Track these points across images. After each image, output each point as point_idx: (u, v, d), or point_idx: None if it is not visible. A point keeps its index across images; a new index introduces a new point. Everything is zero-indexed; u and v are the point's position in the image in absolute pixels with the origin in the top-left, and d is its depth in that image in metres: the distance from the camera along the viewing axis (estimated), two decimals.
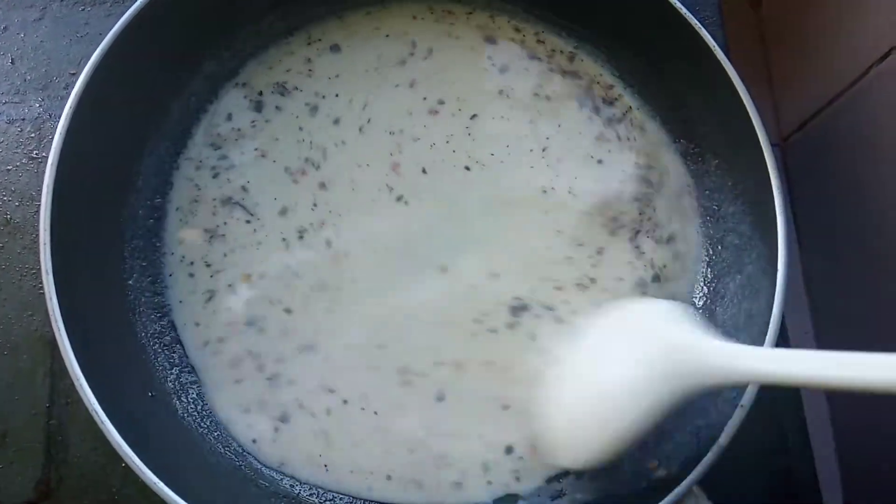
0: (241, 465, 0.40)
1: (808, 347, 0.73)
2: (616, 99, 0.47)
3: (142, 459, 0.33)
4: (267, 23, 0.47)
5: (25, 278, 0.46)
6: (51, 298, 0.35)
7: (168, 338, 0.42)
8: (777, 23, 0.82)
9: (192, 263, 0.43)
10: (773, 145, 0.83)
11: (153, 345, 0.42)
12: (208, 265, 0.43)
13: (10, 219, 0.47)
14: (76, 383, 0.34)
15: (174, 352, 0.42)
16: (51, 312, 0.35)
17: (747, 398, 0.36)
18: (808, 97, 0.74)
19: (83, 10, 0.52)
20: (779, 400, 0.46)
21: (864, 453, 0.67)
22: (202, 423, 0.40)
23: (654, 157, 0.46)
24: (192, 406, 0.41)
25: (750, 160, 0.40)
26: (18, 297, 0.45)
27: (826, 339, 0.73)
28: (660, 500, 0.34)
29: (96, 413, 0.34)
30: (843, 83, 0.67)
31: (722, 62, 0.40)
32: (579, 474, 0.40)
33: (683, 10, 0.41)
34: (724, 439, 0.35)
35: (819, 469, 0.48)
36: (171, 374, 0.41)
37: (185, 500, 0.33)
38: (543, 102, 0.47)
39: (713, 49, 0.40)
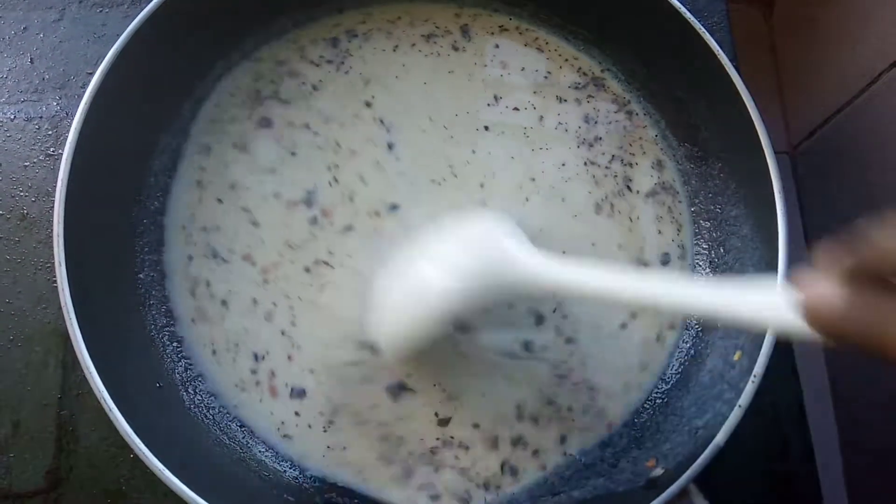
0: (244, 457, 0.40)
1: (814, 355, 0.73)
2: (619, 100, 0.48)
3: (150, 449, 0.34)
4: (277, 25, 0.48)
5: (40, 272, 0.47)
6: (63, 290, 0.36)
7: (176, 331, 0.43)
8: (787, 33, 0.82)
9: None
10: (783, 153, 0.83)
11: (161, 337, 0.42)
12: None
13: (27, 214, 0.48)
14: (87, 374, 0.35)
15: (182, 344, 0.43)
16: (63, 304, 0.36)
17: (745, 398, 0.36)
18: (817, 105, 0.74)
19: (101, 11, 0.53)
20: (781, 405, 0.46)
21: (870, 463, 0.66)
22: (208, 414, 0.41)
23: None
24: (199, 397, 0.42)
25: (752, 164, 0.40)
26: (33, 290, 0.46)
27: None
28: (656, 498, 0.34)
29: (105, 402, 0.35)
30: (852, 92, 0.67)
31: (725, 66, 0.40)
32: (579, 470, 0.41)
33: (689, 15, 0.42)
34: (721, 438, 0.35)
35: (822, 477, 0.48)
36: (179, 366, 0.42)
37: (192, 489, 0.34)
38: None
39: (717, 53, 0.41)
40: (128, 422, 0.34)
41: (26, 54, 0.52)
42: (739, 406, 0.35)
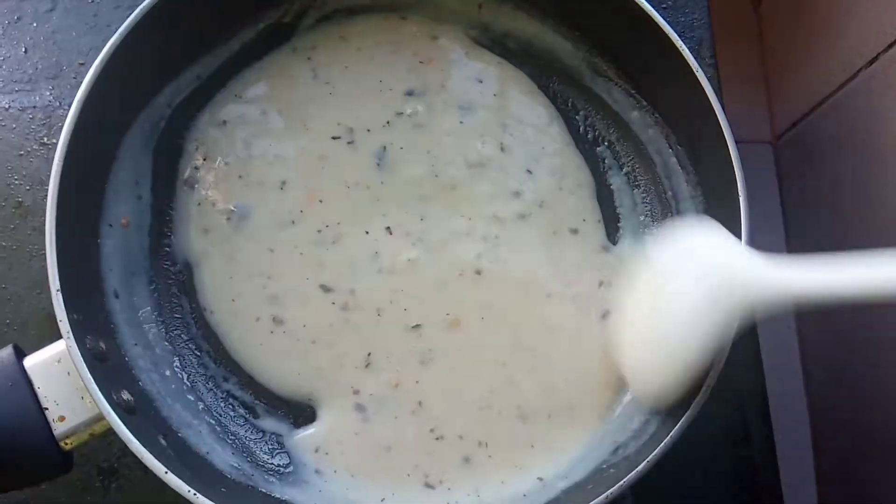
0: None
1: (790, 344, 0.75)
2: None
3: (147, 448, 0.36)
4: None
5: (35, 258, 0.49)
6: (53, 278, 0.37)
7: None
8: (775, 21, 0.83)
9: None
10: (766, 143, 0.84)
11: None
12: None
13: (22, 202, 0.50)
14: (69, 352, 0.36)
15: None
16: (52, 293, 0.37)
17: (711, 378, 0.37)
18: (800, 97, 0.75)
19: (92, 1, 0.54)
20: (745, 393, 0.48)
21: (841, 454, 0.68)
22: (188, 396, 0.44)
23: None
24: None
25: (717, 158, 0.41)
26: (28, 276, 0.48)
27: (806, 333, 0.75)
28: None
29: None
30: (833, 85, 0.68)
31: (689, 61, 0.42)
32: None
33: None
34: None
35: (787, 462, 0.50)
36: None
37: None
38: None
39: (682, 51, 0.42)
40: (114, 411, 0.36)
41: (20, 44, 0.53)
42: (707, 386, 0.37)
